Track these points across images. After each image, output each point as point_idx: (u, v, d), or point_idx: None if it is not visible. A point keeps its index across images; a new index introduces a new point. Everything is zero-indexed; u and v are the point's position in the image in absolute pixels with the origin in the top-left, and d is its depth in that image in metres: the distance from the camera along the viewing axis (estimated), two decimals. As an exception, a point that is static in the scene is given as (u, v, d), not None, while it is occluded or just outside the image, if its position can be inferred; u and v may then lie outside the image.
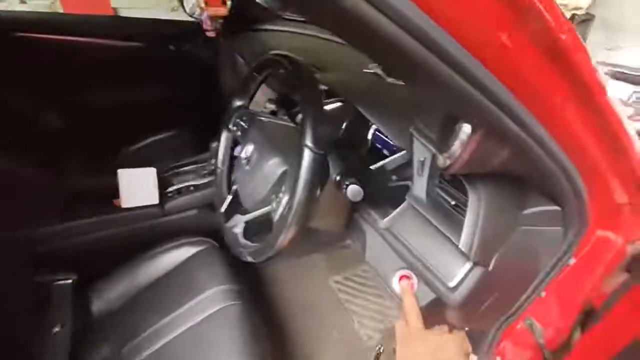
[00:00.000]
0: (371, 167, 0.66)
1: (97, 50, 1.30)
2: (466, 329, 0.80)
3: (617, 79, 1.90)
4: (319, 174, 0.47)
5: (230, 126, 0.75)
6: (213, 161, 1.04)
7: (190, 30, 1.48)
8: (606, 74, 1.94)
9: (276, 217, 0.53)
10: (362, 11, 0.20)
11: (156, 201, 0.95)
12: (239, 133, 0.73)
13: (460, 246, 0.45)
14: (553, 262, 0.50)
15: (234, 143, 0.79)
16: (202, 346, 0.76)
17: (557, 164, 0.34)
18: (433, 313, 0.55)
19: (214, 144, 0.99)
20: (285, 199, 0.52)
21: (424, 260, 0.50)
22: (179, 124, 1.45)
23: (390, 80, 0.69)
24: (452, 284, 0.46)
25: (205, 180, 1.06)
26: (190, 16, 1.46)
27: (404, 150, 0.65)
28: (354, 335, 1.10)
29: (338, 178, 0.60)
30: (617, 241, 0.48)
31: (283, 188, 0.54)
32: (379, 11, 0.21)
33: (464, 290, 0.46)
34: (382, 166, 0.66)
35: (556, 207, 0.45)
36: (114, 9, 3.26)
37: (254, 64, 0.70)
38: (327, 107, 0.78)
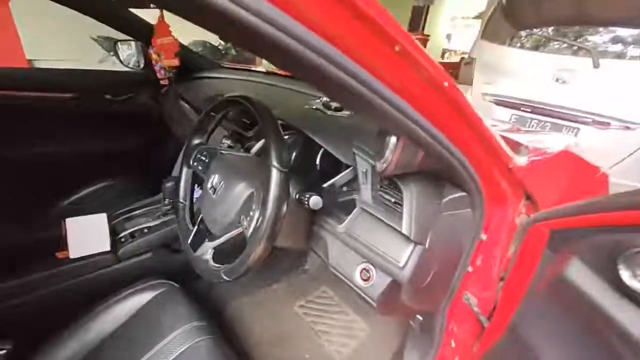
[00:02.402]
0: (323, 185, 0.78)
1: (27, 101, 1.25)
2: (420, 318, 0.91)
3: (499, 105, 2.40)
4: (285, 190, 0.57)
5: (191, 162, 0.81)
6: (167, 201, 1.06)
7: (126, 79, 1.51)
8: (491, 102, 2.44)
9: (249, 232, 0.59)
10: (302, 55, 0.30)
11: (108, 248, 0.92)
12: (200, 168, 0.79)
13: (402, 231, 0.57)
14: (471, 238, 0.65)
15: (194, 178, 0.84)
16: None
17: (455, 159, 0.49)
18: (391, 297, 0.65)
19: (168, 184, 1.02)
20: (256, 215, 0.59)
21: (378, 250, 0.61)
22: (120, 171, 1.42)
23: (329, 113, 0.84)
24: (401, 263, 0.58)
25: (159, 221, 1.06)
26: (126, 66, 1.49)
27: (346, 170, 0.78)
28: (324, 354, 1.13)
29: (298, 195, 0.69)
30: (508, 216, 0.66)
31: (253, 207, 0.61)
32: (324, 59, 0.32)
33: (411, 266, 0.57)
34: (332, 183, 0.78)
35: (464, 193, 0.61)
36: (29, 61, 3.06)
37: (211, 106, 0.79)
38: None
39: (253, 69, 1.78)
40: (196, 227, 0.76)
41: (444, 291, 0.71)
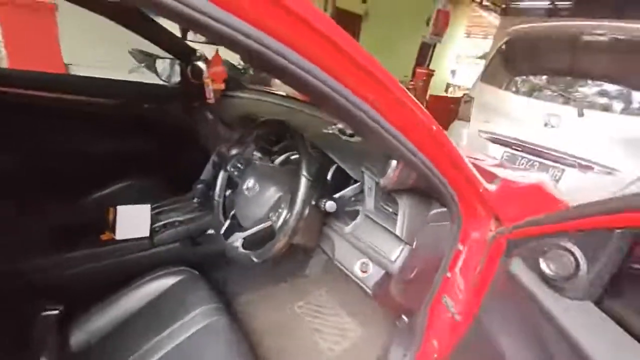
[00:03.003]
0: (334, 195, 0.95)
1: (79, 105, 1.44)
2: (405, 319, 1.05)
3: (493, 142, 2.61)
4: (310, 195, 0.74)
5: (228, 168, 0.99)
6: (196, 200, 1.23)
7: (162, 92, 1.71)
8: (486, 139, 2.66)
9: (278, 225, 0.76)
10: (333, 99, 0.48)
11: (147, 234, 1.08)
12: (235, 173, 0.97)
13: (396, 232, 0.74)
14: (449, 247, 0.81)
15: (228, 181, 1.02)
16: (193, 357, 0.86)
17: (439, 181, 0.67)
18: (383, 286, 0.81)
19: (199, 186, 1.20)
20: (284, 213, 0.77)
21: (375, 248, 0.78)
22: (151, 171, 1.59)
23: (344, 138, 1.02)
24: (393, 258, 0.74)
25: (188, 216, 1.22)
26: (161, 79, 1.70)
27: (353, 185, 0.96)
28: (318, 350, 1.26)
29: (315, 201, 0.87)
30: (481, 232, 0.82)
31: (282, 206, 0.78)
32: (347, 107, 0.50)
33: (400, 260, 0.74)
34: (342, 195, 0.95)
35: (445, 209, 0.78)
36: (67, 65, 3.32)
37: (252, 126, 0.98)
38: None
39: (274, 92, 1.99)
40: (228, 221, 0.93)
41: (426, 290, 0.86)
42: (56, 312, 0.90)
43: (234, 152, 1.00)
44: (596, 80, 2.47)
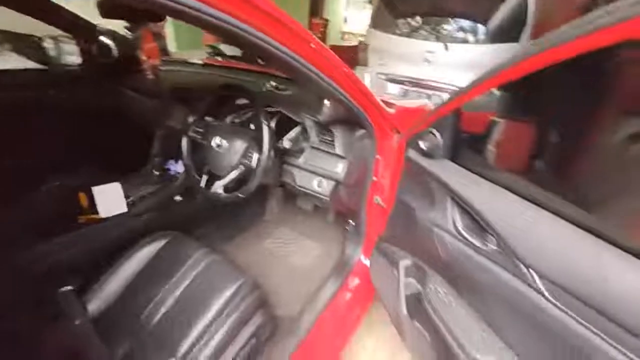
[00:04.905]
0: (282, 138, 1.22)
1: None
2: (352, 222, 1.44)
3: (390, 81, 3.11)
4: (272, 139, 1.00)
5: (190, 133, 1.15)
6: (156, 172, 1.36)
7: (65, 75, 1.58)
8: (384, 79, 3.13)
9: (253, 165, 1.01)
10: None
11: (125, 209, 1.19)
12: (198, 136, 1.14)
13: (337, 153, 1.06)
14: (370, 158, 1.18)
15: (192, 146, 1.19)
16: (202, 294, 1.02)
17: (359, 112, 0.99)
18: (336, 193, 1.15)
19: (156, 159, 1.33)
20: (255, 156, 1.01)
21: (325, 168, 1.10)
22: (91, 155, 1.55)
23: (278, 92, 1.27)
24: (338, 170, 1.08)
25: (154, 188, 1.35)
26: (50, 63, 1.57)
27: (295, 127, 1.23)
28: (293, 268, 1.61)
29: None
30: (390, 143, 1.21)
31: (250, 152, 1.02)
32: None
33: (344, 171, 1.08)
34: (289, 136, 1.22)
35: (365, 131, 1.13)
36: None
37: (211, 96, 1.14)
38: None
39: (191, 61, 2.01)
40: (205, 176, 1.13)
41: (359, 189, 1.23)
42: (71, 287, 1.01)
43: (190, 119, 1.15)
44: (455, 17, 3.06)
